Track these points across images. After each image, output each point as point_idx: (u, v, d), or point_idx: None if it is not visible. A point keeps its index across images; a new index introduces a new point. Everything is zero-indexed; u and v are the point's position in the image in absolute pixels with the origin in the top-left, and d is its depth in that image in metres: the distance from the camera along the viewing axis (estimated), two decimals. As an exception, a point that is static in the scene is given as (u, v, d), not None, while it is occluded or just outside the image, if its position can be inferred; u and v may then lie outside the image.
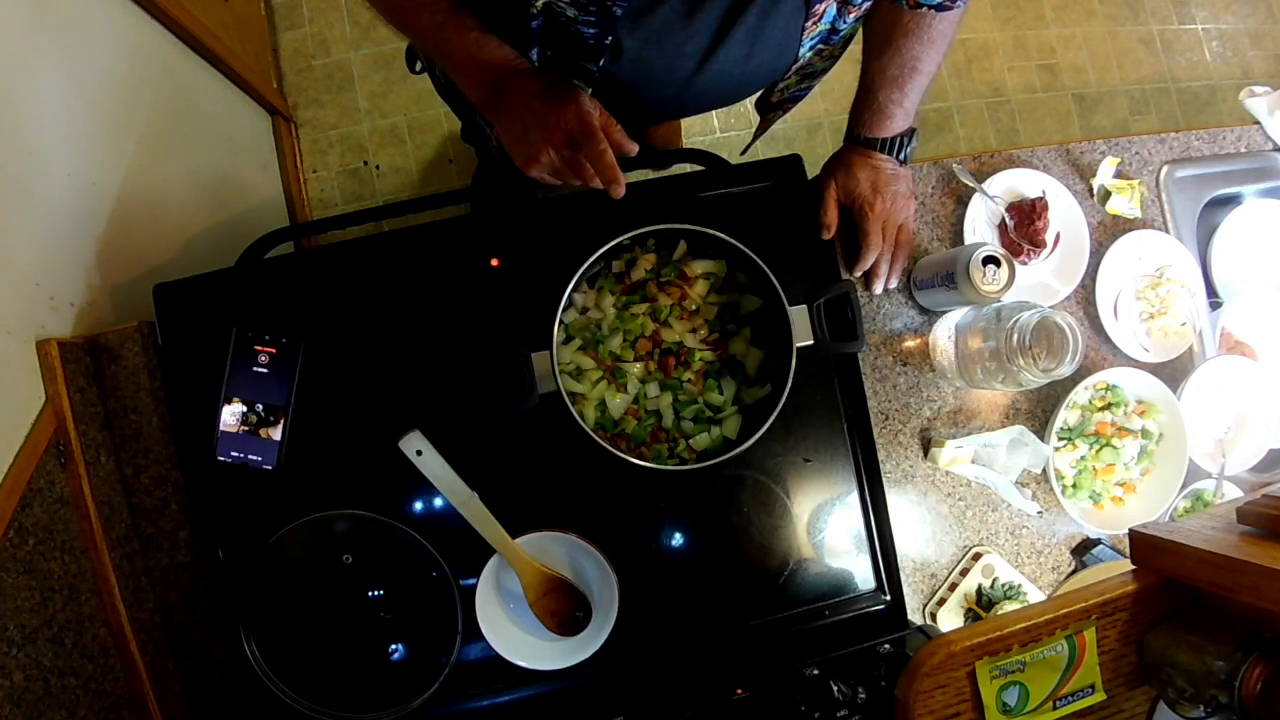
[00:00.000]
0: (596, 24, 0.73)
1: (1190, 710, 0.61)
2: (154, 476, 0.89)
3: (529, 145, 0.75)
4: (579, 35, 0.75)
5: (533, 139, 0.74)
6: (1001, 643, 0.62)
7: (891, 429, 1.00)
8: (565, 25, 0.75)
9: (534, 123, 0.74)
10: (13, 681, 0.69)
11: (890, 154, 0.93)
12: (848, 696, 0.80)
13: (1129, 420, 1.03)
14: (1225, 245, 1.14)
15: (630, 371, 0.90)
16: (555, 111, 0.72)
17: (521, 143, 0.76)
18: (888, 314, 1.02)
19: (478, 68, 0.77)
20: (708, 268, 0.93)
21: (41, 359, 0.83)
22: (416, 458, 0.86)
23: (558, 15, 0.74)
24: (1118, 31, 2.32)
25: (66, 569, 0.79)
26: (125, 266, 1.07)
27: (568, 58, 0.80)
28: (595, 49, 0.77)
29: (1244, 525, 0.63)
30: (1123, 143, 1.12)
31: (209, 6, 1.52)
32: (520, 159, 0.77)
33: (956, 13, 0.85)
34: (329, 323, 0.91)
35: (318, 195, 1.93)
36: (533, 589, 0.87)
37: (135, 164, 1.17)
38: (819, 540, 0.95)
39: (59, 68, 1.00)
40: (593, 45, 0.76)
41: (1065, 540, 1.04)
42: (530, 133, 0.74)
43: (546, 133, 0.73)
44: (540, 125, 0.73)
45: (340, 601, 0.87)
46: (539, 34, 0.77)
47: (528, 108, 0.74)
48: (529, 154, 0.75)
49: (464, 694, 0.88)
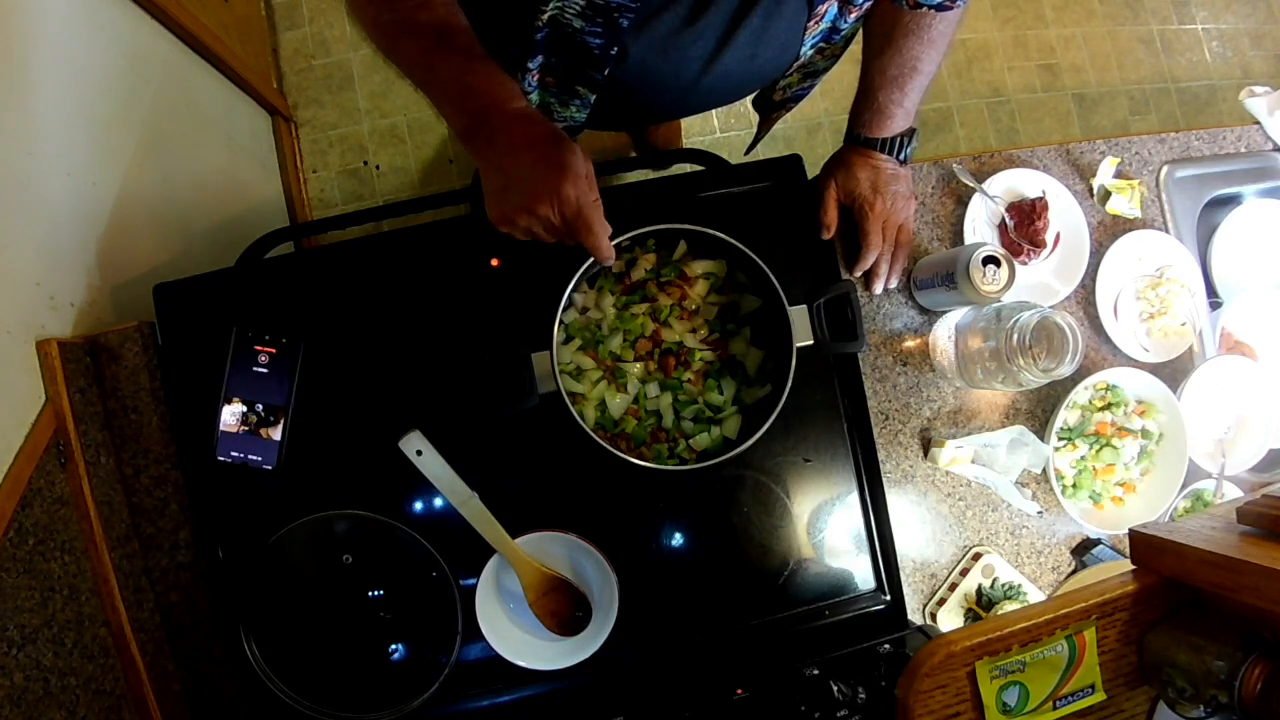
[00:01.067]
0: (603, 34, 0.73)
1: (1190, 710, 0.61)
2: (154, 476, 0.89)
3: (505, 205, 0.69)
4: (585, 45, 0.74)
5: (511, 200, 0.68)
6: (1001, 643, 0.63)
7: (891, 429, 1.00)
8: (571, 36, 0.74)
9: (519, 184, 0.67)
10: (13, 681, 0.69)
11: (890, 154, 0.93)
12: (848, 696, 0.80)
13: (1129, 420, 1.03)
14: (1225, 245, 1.14)
15: (630, 371, 0.90)
16: (547, 183, 0.66)
17: (498, 198, 0.69)
18: (888, 314, 1.02)
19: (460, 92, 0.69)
20: (708, 268, 0.93)
21: (41, 359, 0.83)
22: (416, 458, 0.86)
23: (564, 26, 0.73)
24: (1118, 31, 2.33)
25: (66, 569, 0.79)
26: (125, 266, 1.07)
27: (573, 67, 0.79)
28: (601, 58, 0.76)
29: (1244, 525, 0.63)
30: (1123, 143, 1.12)
31: (209, 6, 1.53)
32: (492, 212, 0.70)
33: (956, 13, 0.85)
34: (329, 323, 0.91)
35: (318, 195, 1.93)
36: (533, 589, 0.87)
37: (135, 164, 1.17)
38: (819, 540, 0.95)
39: (59, 68, 1.00)
40: (598, 55, 0.75)
41: (1065, 540, 1.04)
42: (510, 192, 0.68)
43: (531, 201, 0.67)
44: (526, 191, 0.67)
45: (340, 601, 0.87)
46: (544, 44, 0.76)
47: (516, 162, 0.67)
48: (503, 213, 0.69)
49: (464, 694, 0.88)
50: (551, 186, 0.66)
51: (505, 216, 0.70)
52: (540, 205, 0.67)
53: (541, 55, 0.78)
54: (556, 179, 0.66)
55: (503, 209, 0.69)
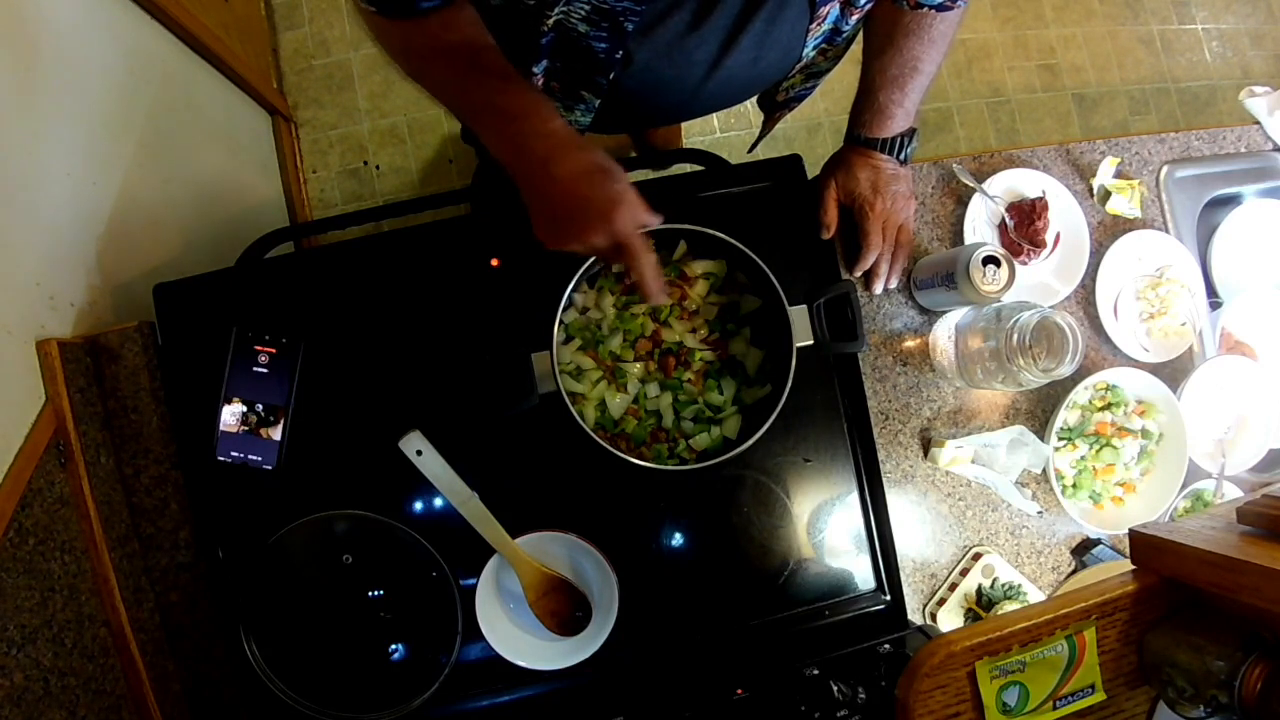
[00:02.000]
0: (608, 38, 0.73)
1: (1190, 710, 0.60)
2: (154, 476, 0.89)
3: (557, 235, 0.70)
4: (590, 50, 0.75)
5: (564, 231, 0.69)
6: (1001, 643, 0.62)
7: (891, 429, 1.00)
8: (576, 40, 0.74)
9: (571, 217, 0.68)
10: (13, 681, 0.69)
11: (890, 154, 0.93)
12: (848, 696, 0.80)
13: (1129, 420, 1.03)
14: (1225, 245, 1.14)
15: (630, 371, 0.90)
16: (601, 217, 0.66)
17: (551, 228, 0.70)
18: (888, 314, 1.02)
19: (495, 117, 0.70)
20: (708, 268, 0.93)
21: (41, 359, 0.83)
22: (416, 458, 0.86)
23: (569, 31, 0.73)
24: (1118, 31, 2.32)
25: (66, 569, 0.79)
26: (125, 266, 1.07)
27: (578, 71, 0.79)
28: (606, 62, 0.76)
29: (1244, 525, 0.62)
30: (1123, 143, 1.12)
31: (209, 6, 1.52)
32: (543, 237, 0.71)
33: (957, 13, 0.85)
34: (329, 323, 0.91)
35: (318, 195, 1.93)
36: (533, 589, 0.87)
37: (135, 164, 1.17)
38: (819, 540, 0.95)
39: (59, 68, 1.00)
40: (603, 59, 0.76)
41: (1065, 540, 1.04)
42: (562, 224, 0.69)
43: (584, 234, 0.67)
44: (579, 223, 0.68)
45: (340, 601, 0.87)
46: (549, 48, 0.76)
47: (566, 197, 0.67)
48: (555, 241, 0.70)
49: (464, 694, 0.88)
50: (604, 216, 0.67)
51: (557, 243, 0.70)
52: (594, 238, 0.68)
53: (546, 60, 0.78)
54: (609, 212, 0.67)
55: (555, 238, 0.70)
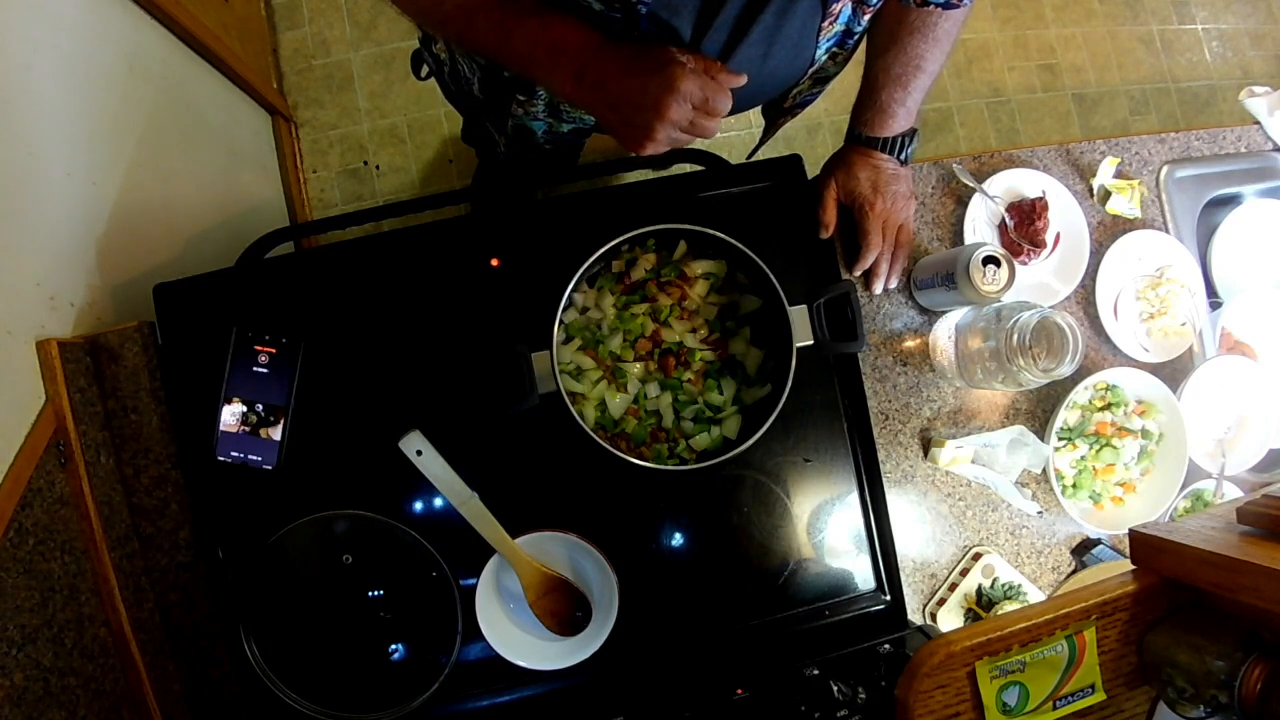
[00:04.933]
0: (621, 21, 0.72)
1: (1190, 710, 0.61)
2: (154, 476, 0.89)
3: (636, 129, 0.71)
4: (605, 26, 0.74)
5: (640, 121, 0.70)
6: (1001, 643, 0.62)
7: (891, 429, 1.00)
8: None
9: (636, 104, 0.70)
10: (13, 681, 0.69)
11: (891, 154, 0.93)
12: (848, 696, 0.80)
13: (1129, 420, 1.03)
14: (1225, 245, 1.14)
15: (630, 371, 0.90)
16: (657, 84, 0.68)
17: (629, 127, 0.72)
18: (888, 314, 1.02)
19: (549, 54, 0.71)
20: (708, 268, 0.93)
21: (41, 359, 0.83)
22: (416, 458, 0.86)
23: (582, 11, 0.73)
24: (1118, 31, 2.32)
25: (66, 569, 0.79)
26: (125, 266, 1.07)
27: None
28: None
29: (1244, 525, 0.63)
30: (1123, 143, 1.12)
31: (209, 6, 1.52)
32: (630, 144, 0.73)
33: (963, 11, 0.84)
34: (329, 323, 0.91)
35: (318, 195, 1.93)
36: (533, 589, 0.87)
37: (135, 164, 1.17)
38: (819, 540, 0.95)
39: (59, 68, 1.00)
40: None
41: (1065, 540, 1.04)
42: (636, 115, 0.70)
43: (657, 112, 0.69)
44: (646, 106, 0.69)
45: (340, 601, 0.87)
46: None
47: (622, 90, 0.70)
48: (639, 137, 0.72)
49: (464, 694, 0.88)
50: (667, 88, 0.68)
51: (640, 139, 0.72)
52: (669, 111, 0.68)
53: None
54: (668, 79, 0.68)
55: (638, 135, 0.71)
